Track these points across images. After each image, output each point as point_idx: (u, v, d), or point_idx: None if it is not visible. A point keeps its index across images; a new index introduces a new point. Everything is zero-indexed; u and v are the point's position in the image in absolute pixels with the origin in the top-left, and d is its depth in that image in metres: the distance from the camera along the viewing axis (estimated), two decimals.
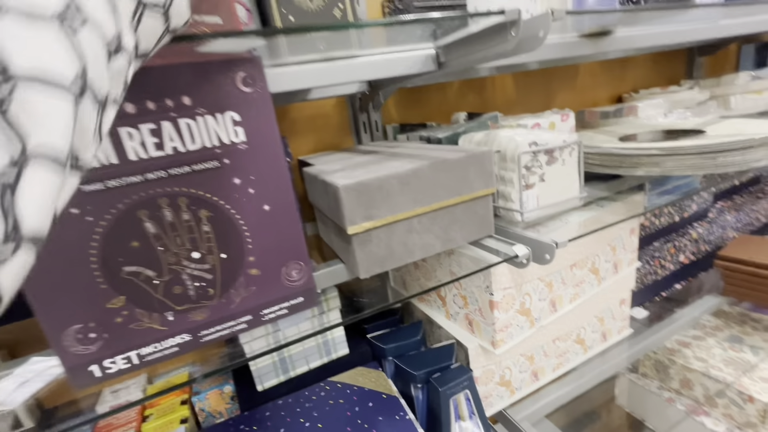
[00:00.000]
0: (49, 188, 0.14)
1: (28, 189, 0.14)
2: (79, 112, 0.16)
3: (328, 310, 0.63)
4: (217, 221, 0.33)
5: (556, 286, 0.65)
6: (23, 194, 0.13)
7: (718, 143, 0.56)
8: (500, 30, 0.39)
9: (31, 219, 0.14)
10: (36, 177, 0.14)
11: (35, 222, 0.14)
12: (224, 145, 0.32)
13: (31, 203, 0.14)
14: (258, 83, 0.32)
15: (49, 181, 0.14)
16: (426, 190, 0.44)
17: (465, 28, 0.43)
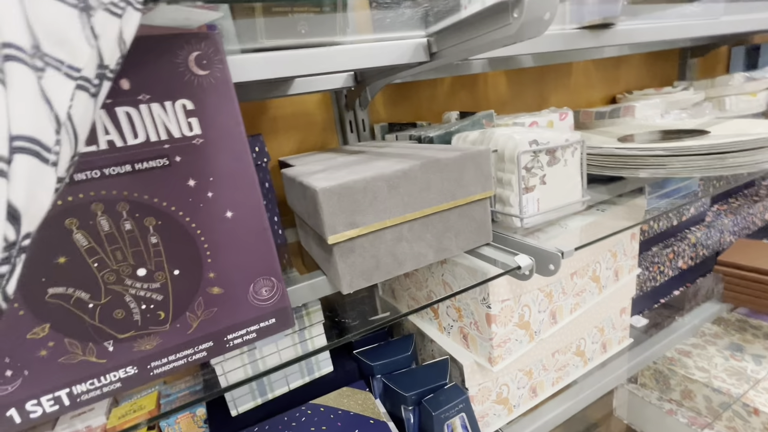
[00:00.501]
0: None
1: None
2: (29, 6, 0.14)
3: (310, 324, 0.57)
4: (167, 231, 0.28)
5: (557, 296, 0.61)
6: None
7: (727, 143, 0.53)
8: (500, 11, 0.34)
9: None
10: None
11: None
12: (174, 140, 0.27)
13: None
14: (216, 65, 0.27)
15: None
16: (417, 193, 0.39)
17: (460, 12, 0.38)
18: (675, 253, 0.88)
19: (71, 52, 0.16)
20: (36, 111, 0.14)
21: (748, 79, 1.05)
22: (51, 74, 0.15)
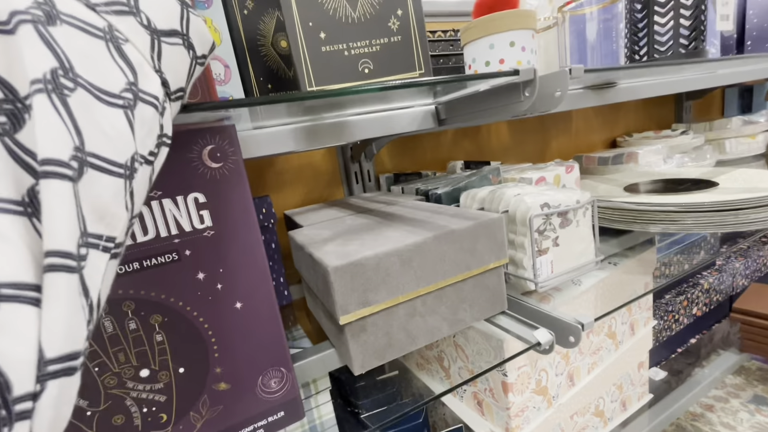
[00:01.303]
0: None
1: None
2: (81, 190, 0.14)
3: (316, 392, 0.54)
4: (173, 328, 0.26)
5: (573, 357, 0.58)
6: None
7: (740, 200, 0.52)
8: (512, 89, 0.34)
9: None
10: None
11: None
12: (185, 233, 0.26)
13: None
14: (230, 157, 0.27)
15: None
16: (430, 266, 0.38)
17: (469, 86, 0.38)
18: (689, 300, 0.86)
19: (110, 223, 0.15)
20: (72, 321, 0.13)
21: (745, 123, 1.06)
22: (91, 259, 0.14)
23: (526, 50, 0.52)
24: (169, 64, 0.19)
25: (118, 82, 0.16)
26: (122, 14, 0.17)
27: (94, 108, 0.15)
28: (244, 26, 0.42)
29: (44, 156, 0.13)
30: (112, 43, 0.16)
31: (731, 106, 1.40)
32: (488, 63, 0.53)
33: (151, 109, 0.17)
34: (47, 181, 0.13)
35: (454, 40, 0.68)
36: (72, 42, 0.14)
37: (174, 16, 0.19)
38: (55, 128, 0.13)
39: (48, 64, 0.13)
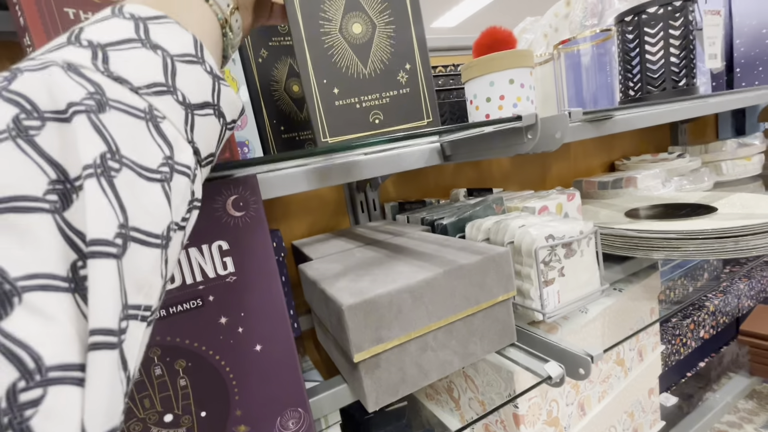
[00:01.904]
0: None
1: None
2: (124, 265, 0.15)
3: (327, 427, 0.54)
4: (196, 372, 0.27)
5: (583, 386, 0.58)
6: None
7: (740, 227, 0.54)
8: (515, 131, 0.36)
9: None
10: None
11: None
12: (209, 280, 0.27)
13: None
14: (251, 205, 0.28)
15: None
16: (441, 301, 0.39)
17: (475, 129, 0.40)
18: (695, 323, 0.86)
19: (148, 293, 0.16)
20: (112, 398, 0.14)
21: (740, 145, 1.09)
22: (130, 330, 0.15)
23: (525, 86, 0.54)
24: (201, 133, 0.20)
25: (156, 158, 0.17)
26: (161, 94, 0.18)
27: (136, 184, 0.16)
28: (258, 73, 0.44)
29: (92, 237, 0.14)
30: (152, 122, 0.18)
31: (725, 127, 1.43)
32: (489, 99, 0.55)
33: (184, 179, 0.19)
34: (94, 261, 0.14)
35: (454, 75, 0.71)
36: (118, 125, 0.16)
37: (206, 89, 0.21)
38: (103, 209, 0.14)
39: (98, 149, 0.15)
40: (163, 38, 0.19)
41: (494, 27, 0.56)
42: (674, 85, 0.49)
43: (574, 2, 0.74)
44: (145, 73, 0.18)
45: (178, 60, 0.20)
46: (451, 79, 0.71)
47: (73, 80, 0.16)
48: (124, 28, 0.19)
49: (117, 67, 0.17)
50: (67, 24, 0.26)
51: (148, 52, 0.19)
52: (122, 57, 0.18)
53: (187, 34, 0.21)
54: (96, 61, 0.17)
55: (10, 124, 0.14)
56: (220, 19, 0.25)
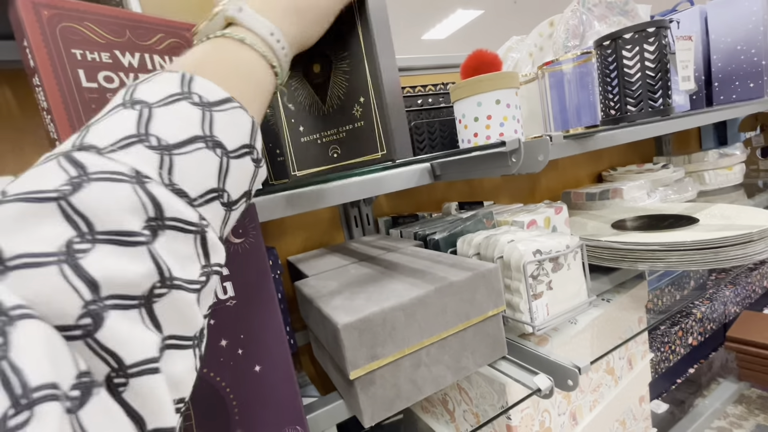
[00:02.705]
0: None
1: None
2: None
3: None
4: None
5: (574, 396, 0.59)
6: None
7: (718, 238, 0.56)
8: (500, 155, 0.38)
9: None
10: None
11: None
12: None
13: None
14: (250, 232, 0.30)
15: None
16: (433, 318, 0.40)
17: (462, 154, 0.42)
18: (683, 330, 0.88)
19: (180, 389, 0.17)
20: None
21: (721, 155, 1.13)
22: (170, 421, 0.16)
23: (511, 106, 0.57)
24: (185, 173, 0.19)
25: (195, 270, 0.18)
26: (211, 201, 0.20)
27: (179, 301, 0.17)
28: None
29: (129, 362, 0.15)
30: (200, 236, 0.19)
31: (708, 137, 1.48)
32: (477, 119, 0.57)
33: (215, 278, 0.20)
34: (140, 379, 0.15)
35: (443, 93, 0.73)
36: (170, 247, 0.17)
37: (192, 123, 0.20)
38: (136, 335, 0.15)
39: (152, 279, 0.16)
40: (144, 93, 0.19)
41: (480, 50, 0.59)
42: (651, 105, 0.52)
43: (557, 23, 0.77)
44: (203, 181, 0.19)
45: (157, 106, 0.19)
46: (440, 98, 0.73)
47: (136, 199, 0.16)
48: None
49: (181, 177, 0.18)
50: (74, 64, 0.28)
51: (126, 111, 0.19)
52: (98, 127, 0.18)
53: (174, 75, 0.20)
54: (162, 170, 0.18)
55: (62, 248, 0.14)
56: (275, 68, 0.25)
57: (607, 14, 0.69)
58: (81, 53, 0.28)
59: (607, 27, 0.68)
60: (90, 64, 0.28)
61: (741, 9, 0.90)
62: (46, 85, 0.26)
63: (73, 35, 0.27)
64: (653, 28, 0.50)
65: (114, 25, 0.29)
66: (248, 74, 0.24)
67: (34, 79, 0.27)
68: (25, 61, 0.28)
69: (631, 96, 0.53)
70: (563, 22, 0.72)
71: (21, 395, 0.11)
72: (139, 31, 0.31)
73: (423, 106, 0.70)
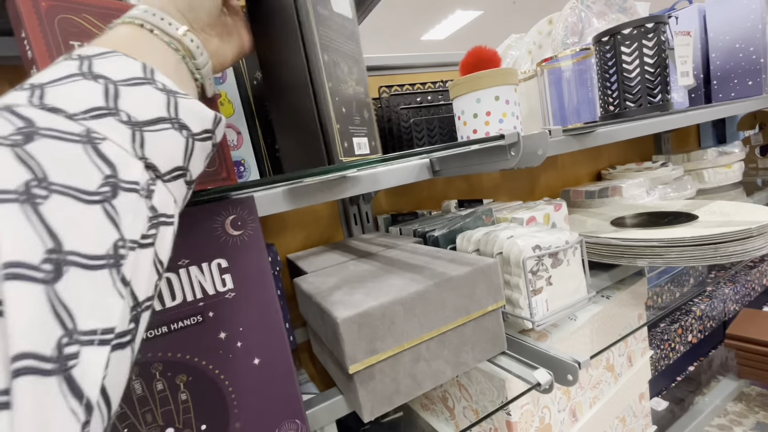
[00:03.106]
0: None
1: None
2: (61, 290, 0.15)
3: None
4: (196, 386, 0.28)
5: (574, 392, 0.59)
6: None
7: (718, 234, 0.56)
8: (499, 148, 0.38)
9: None
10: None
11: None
12: (209, 296, 0.28)
13: None
14: (249, 224, 0.29)
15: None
16: (432, 313, 0.40)
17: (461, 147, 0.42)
18: (683, 327, 0.88)
19: (104, 315, 0.16)
20: (47, 424, 0.13)
21: (720, 153, 1.13)
22: (84, 356, 0.15)
23: (510, 103, 0.57)
24: (157, 148, 0.21)
25: (95, 178, 0.17)
26: (100, 117, 0.19)
27: (70, 209, 0.16)
28: (253, 95, 0.46)
29: (7, 259, 0.14)
30: (90, 144, 0.18)
31: (707, 135, 1.48)
32: (476, 115, 0.57)
33: (133, 195, 0.19)
34: (11, 284, 0.13)
35: (443, 91, 0.73)
36: (48, 152, 0.16)
37: (159, 105, 0.21)
38: (22, 234, 0.14)
39: (21, 178, 0.15)
40: (106, 69, 0.20)
41: (479, 47, 0.59)
42: (650, 100, 0.52)
43: (556, 21, 0.77)
44: (83, 101, 0.19)
45: (122, 84, 0.20)
46: (439, 95, 0.73)
47: (3, 119, 0.16)
48: (67, 67, 0.20)
49: (53, 99, 0.18)
50: None
51: (88, 82, 0.19)
52: (59, 90, 0.19)
53: (136, 62, 0.22)
54: (32, 98, 0.18)
55: None
56: (171, 45, 0.25)
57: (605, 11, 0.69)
58: (79, 45, 0.28)
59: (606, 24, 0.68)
60: None
61: (739, 7, 0.90)
62: None
63: (71, 27, 0.27)
64: (652, 23, 0.50)
65: (111, 17, 0.29)
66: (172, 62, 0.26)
67: (32, 71, 0.27)
68: (23, 53, 0.28)
69: (630, 92, 0.53)
70: (562, 20, 0.72)
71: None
72: None
73: (422, 104, 0.70)
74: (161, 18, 0.25)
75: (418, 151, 0.34)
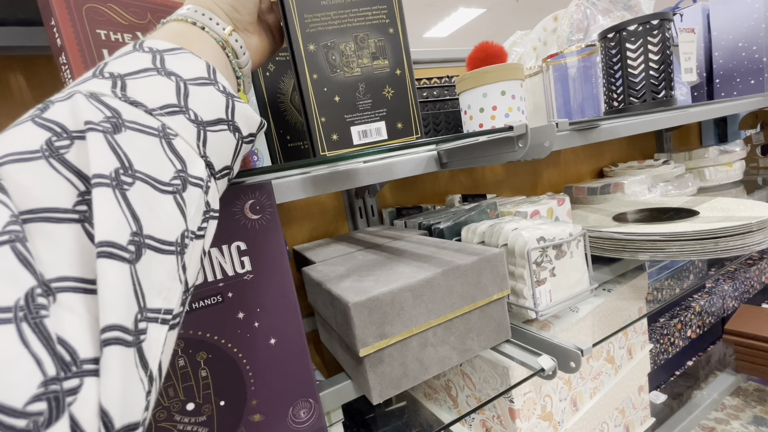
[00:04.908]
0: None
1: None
2: (139, 270, 0.16)
3: (330, 424, 0.56)
4: (216, 363, 0.29)
5: (575, 382, 0.61)
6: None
7: (718, 228, 0.57)
8: (507, 140, 0.39)
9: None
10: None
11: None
12: (228, 278, 0.30)
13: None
14: (267, 209, 0.31)
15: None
16: (440, 299, 0.41)
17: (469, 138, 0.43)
18: (683, 323, 0.89)
19: (167, 297, 0.17)
20: (128, 393, 0.15)
21: (721, 152, 1.14)
22: (150, 332, 0.16)
23: (516, 98, 0.58)
24: (215, 147, 0.22)
25: (169, 171, 0.19)
26: (173, 114, 0.20)
27: (149, 196, 0.17)
28: (266, 86, 0.47)
29: (102, 239, 0.15)
30: (165, 139, 0.19)
31: (708, 134, 1.49)
32: (482, 109, 0.58)
33: (198, 190, 0.20)
34: (104, 261, 0.15)
35: (449, 86, 0.74)
36: (133, 143, 0.18)
37: (220, 107, 0.22)
38: (114, 216, 0.16)
39: (112, 164, 0.16)
40: (177, 66, 0.22)
41: (486, 42, 0.60)
42: (654, 96, 0.53)
43: (561, 18, 0.78)
44: (159, 97, 0.20)
45: (191, 83, 0.22)
46: (445, 90, 0.74)
47: (94, 106, 0.18)
48: (142, 59, 0.21)
49: (134, 92, 0.19)
50: (99, 43, 0.29)
51: (162, 78, 0.21)
52: (139, 84, 0.20)
53: (201, 60, 0.23)
54: (115, 89, 0.19)
55: (43, 145, 0.16)
56: (219, 42, 0.27)
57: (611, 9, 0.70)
58: (105, 33, 0.29)
59: (611, 21, 0.69)
60: (113, 44, 0.29)
61: (742, 6, 0.91)
62: (72, 63, 0.27)
63: (98, 16, 0.28)
64: (657, 20, 0.50)
65: (136, 8, 0.30)
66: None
67: (61, 58, 0.28)
68: (52, 41, 0.29)
69: (634, 87, 0.54)
70: (567, 17, 0.73)
71: None
72: (160, 15, 0.32)
73: (428, 98, 0.71)
74: (210, 18, 0.26)
75: (426, 141, 0.35)
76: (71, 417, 0.13)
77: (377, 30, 0.37)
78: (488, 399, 0.51)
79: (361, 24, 0.36)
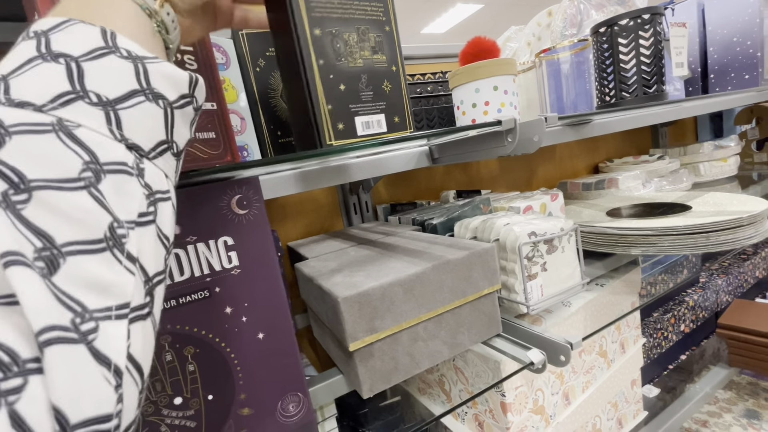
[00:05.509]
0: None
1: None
2: (60, 278, 0.16)
3: (323, 419, 0.56)
4: (204, 358, 0.29)
5: (567, 376, 0.61)
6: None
7: (710, 222, 0.57)
8: (496, 135, 0.39)
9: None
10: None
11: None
12: (215, 272, 0.30)
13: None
14: (254, 204, 0.31)
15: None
16: (430, 294, 0.41)
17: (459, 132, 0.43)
18: (676, 317, 0.90)
19: (115, 292, 0.17)
20: (77, 386, 0.14)
21: (716, 147, 1.14)
22: (103, 330, 0.16)
23: (508, 93, 0.58)
24: (135, 125, 0.20)
25: (75, 166, 0.17)
26: (69, 103, 0.18)
27: (54, 201, 0.16)
28: (256, 81, 0.47)
29: (2, 251, 0.14)
30: (63, 132, 0.17)
31: (704, 130, 1.49)
32: (475, 105, 0.58)
33: (120, 177, 0.18)
34: (14, 269, 0.14)
35: (442, 81, 0.74)
36: (22, 151, 0.16)
37: (127, 77, 0.20)
38: (10, 240, 0.15)
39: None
40: (64, 44, 0.19)
41: (479, 37, 0.60)
42: (645, 91, 0.53)
43: (555, 12, 0.78)
44: (48, 88, 0.18)
45: (85, 60, 0.19)
46: (439, 86, 0.74)
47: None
48: (27, 49, 0.18)
49: (18, 92, 0.17)
50: None
51: (49, 64, 0.18)
52: (22, 81, 0.18)
53: (94, 28, 0.20)
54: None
55: None
56: (144, 10, 0.23)
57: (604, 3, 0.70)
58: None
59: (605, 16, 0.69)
60: None
61: (737, 1, 0.91)
62: None
63: None
64: (648, 14, 0.50)
65: None
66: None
67: None
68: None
69: (626, 82, 0.54)
70: (561, 12, 0.73)
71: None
72: None
73: (422, 94, 0.71)
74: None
75: (416, 135, 0.35)
76: (15, 415, 0.13)
77: (376, 26, 0.37)
78: (478, 392, 0.51)
79: (362, 17, 0.36)
